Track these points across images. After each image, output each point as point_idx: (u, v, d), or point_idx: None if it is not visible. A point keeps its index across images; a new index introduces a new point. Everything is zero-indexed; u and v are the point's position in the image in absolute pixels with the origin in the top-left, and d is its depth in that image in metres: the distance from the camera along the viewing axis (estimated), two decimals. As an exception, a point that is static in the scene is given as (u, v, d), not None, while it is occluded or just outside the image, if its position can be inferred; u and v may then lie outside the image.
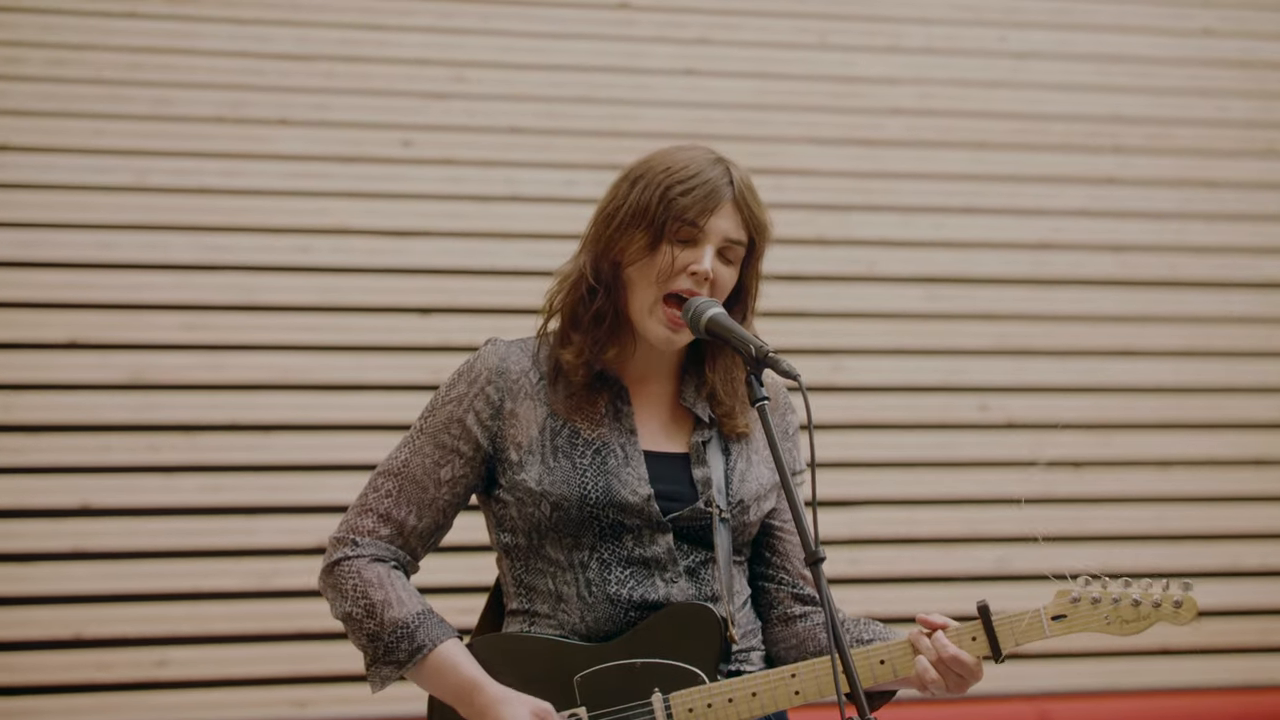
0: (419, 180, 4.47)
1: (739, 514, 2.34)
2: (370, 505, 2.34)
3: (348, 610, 2.30)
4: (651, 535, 2.28)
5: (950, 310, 4.68)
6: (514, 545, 2.34)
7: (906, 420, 4.60)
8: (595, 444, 2.30)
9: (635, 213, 2.27)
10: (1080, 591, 2.24)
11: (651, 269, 2.27)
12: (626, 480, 2.28)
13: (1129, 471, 4.69)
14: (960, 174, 4.77)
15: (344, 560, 2.32)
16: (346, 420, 4.30)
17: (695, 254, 2.27)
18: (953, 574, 4.51)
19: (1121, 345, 4.76)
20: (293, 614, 4.16)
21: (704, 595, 2.30)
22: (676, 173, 2.27)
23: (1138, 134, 4.88)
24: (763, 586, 2.44)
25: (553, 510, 2.28)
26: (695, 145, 2.35)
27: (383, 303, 4.39)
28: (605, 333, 2.31)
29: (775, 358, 2.12)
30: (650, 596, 2.27)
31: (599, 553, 2.28)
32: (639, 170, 2.32)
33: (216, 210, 4.34)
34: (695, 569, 2.31)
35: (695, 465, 2.34)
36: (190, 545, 4.18)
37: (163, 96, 4.37)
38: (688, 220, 2.25)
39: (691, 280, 2.27)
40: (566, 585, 2.29)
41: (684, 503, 2.31)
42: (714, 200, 2.26)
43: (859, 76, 4.78)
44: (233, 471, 4.23)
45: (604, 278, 2.30)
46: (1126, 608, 2.23)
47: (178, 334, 4.26)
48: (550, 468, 2.28)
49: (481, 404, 2.32)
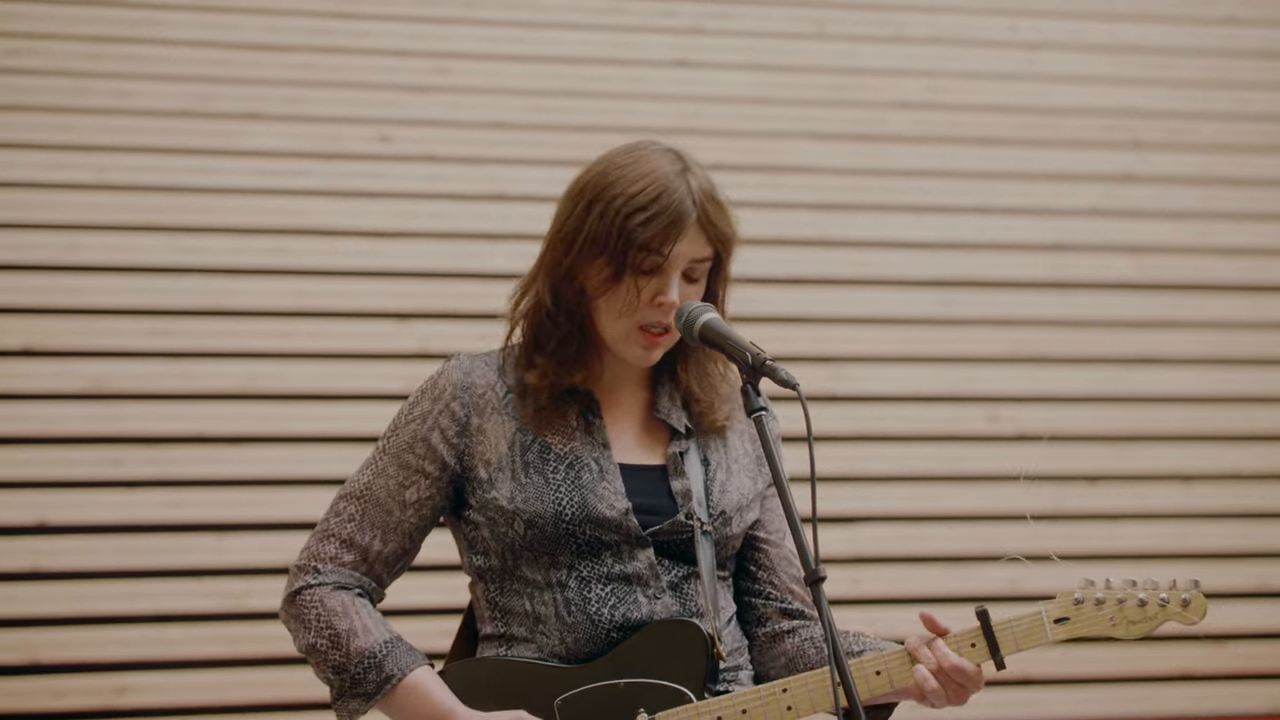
0: (398, 178, 4.46)
1: (721, 526, 2.35)
2: (332, 530, 2.35)
3: (311, 642, 2.31)
4: (631, 551, 2.29)
5: (958, 315, 4.68)
6: (487, 567, 2.34)
7: (912, 432, 4.60)
8: (568, 458, 2.31)
9: (593, 241, 2.27)
10: (1084, 593, 2.25)
11: (616, 299, 2.27)
12: (603, 495, 2.29)
13: (1149, 486, 4.68)
14: (969, 171, 4.77)
15: (305, 589, 2.32)
16: (321, 432, 4.30)
17: (660, 283, 2.27)
18: (961, 595, 4.48)
19: (1141, 352, 4.75)
20: (264, 637, 4.14)
21: (688, 611, 2.30)
22: (635, 197, 2.25)
23: (1157, 129, 4.87)
24: (749, 602, 2.44)
25: (526, 528, 2.28)
26: (648, 149, 2.31)
27: (360, 307, 4.39)
28: (572, 356, 2.33)
29: (773, 366, 2.12)
30: (633, 615, 2.28)
31: (577, 570, 2.29)
32: (593, 189, 2.29)
33: (183, 209, 4.34)
34: (678, 584, 2.31)
35: (673, 477, 2.35)
36: (154, 564, 4.18)
37: (126, 89, 4.37)
38: (651, 249, 2.25)
39: (659, 311, 2.28)
40: (544, 606, 2.30)
41: (663, 516, 2.32)
42: (677, 227, 2.25)
43: (862, 68, 4.77)
44: (200, 486, 4.23)
45: (566, 303, 2.31)
46: (1132, 608, 2.24)
47: (142, 340, 4.26)
48: (522, 484, 2.29)
49: (447, 421, 2.33)
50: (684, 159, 2.32)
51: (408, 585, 2.55)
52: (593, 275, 2.28)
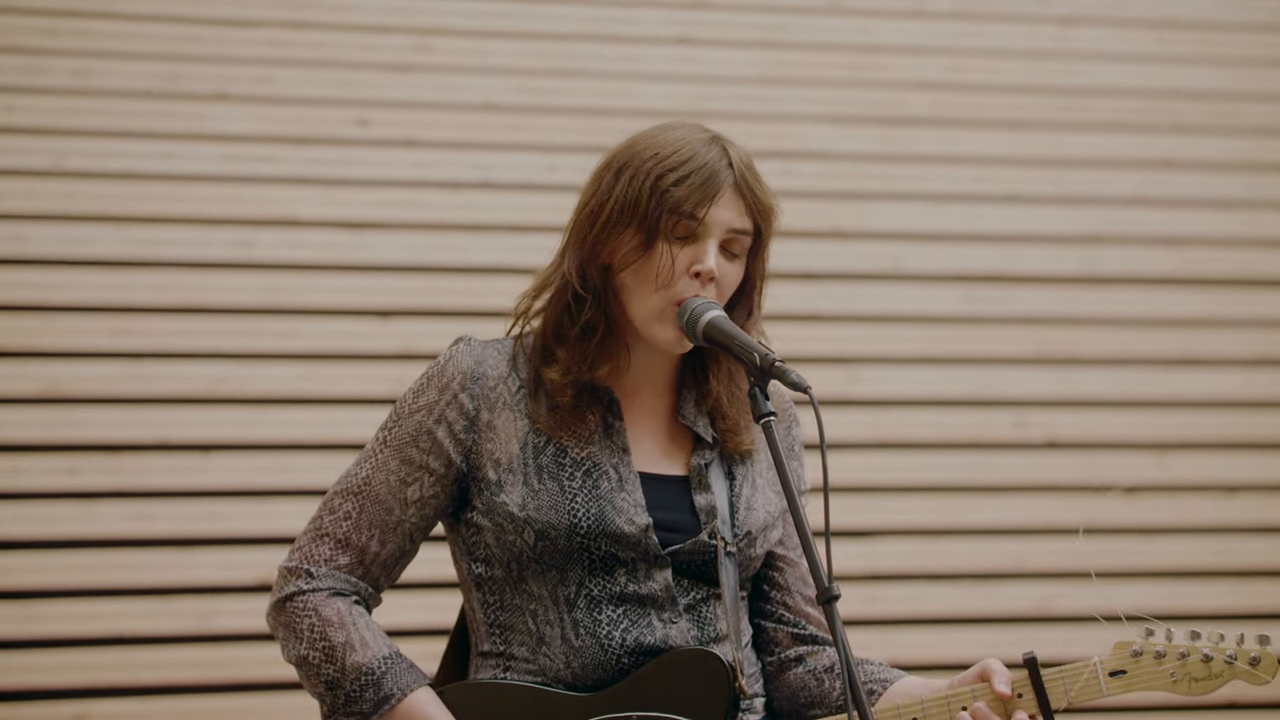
0: (377, 165, 4.46)
1: (746, 547, 2.36)
2: (327, 529, 2.34)
3: (303, 653, 2.30)
4: (648, 570, 2.29)
5: (985, 313, 4.68)
6: (488, 577, 2.34)
7: (934, 439, 4.59)
8: (585, 464, 2.31)
9: (623, 208, 2.28)
10: (1142, 644, 2.23)
11: (649, 271, 2.27)
12: (622, 507, 2.29)
13: (1190, 497, 4.67)
14: (995, 158, 4.76)
15: (298, 595, 2.32)
16: (295, 439, 4.30)
17: (697, 251, 2.28)
18: (988, 615, 4.49)
19: (1182, 353, 4.75)
20: (232, 661, 4.14)
21: (707, 637, 2.31)
22: (667, 159, 2.27)
23: (1200, 111, 4.87)
24: (759, 625, 2.45)
25: (537, 539, 2.28)
26: (683, 123, 2.36)
27: (336, 304, 4.38)
28: (596, 347, 2.32)
29: (783, 368, 2.12)
30: (646, 639, 2.27)
31: (587, 588, 2.29)
32: (623, 157, 2.32)
33: (145, 198, 4.33)
34: (696, 607, 2.31)
35: (696, 491, 2.35)
36: (114, 582, 4.16)
37: (83, 67, 4.36)
38: (685, 213, 2.26)
39: (696, 282, 2.27)
40: (549, 625, 2.29)
41: (685, 534, 2.32)
42: (713, 187, 2.26)
43: (879, 46, 4.77)
44: (163, 498, 4.22)
45: (592, 284, 2.31)
46: (1196, 664, 2.22)
47: (100, 340, 4.25)
48: (535, 490, 2.29)
49: (454, 413, 2.33)
50: (720, 135, 2.34)
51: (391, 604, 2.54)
52: (622, 247, 2.29)
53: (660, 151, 2.28)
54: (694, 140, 2.30)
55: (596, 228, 2.30)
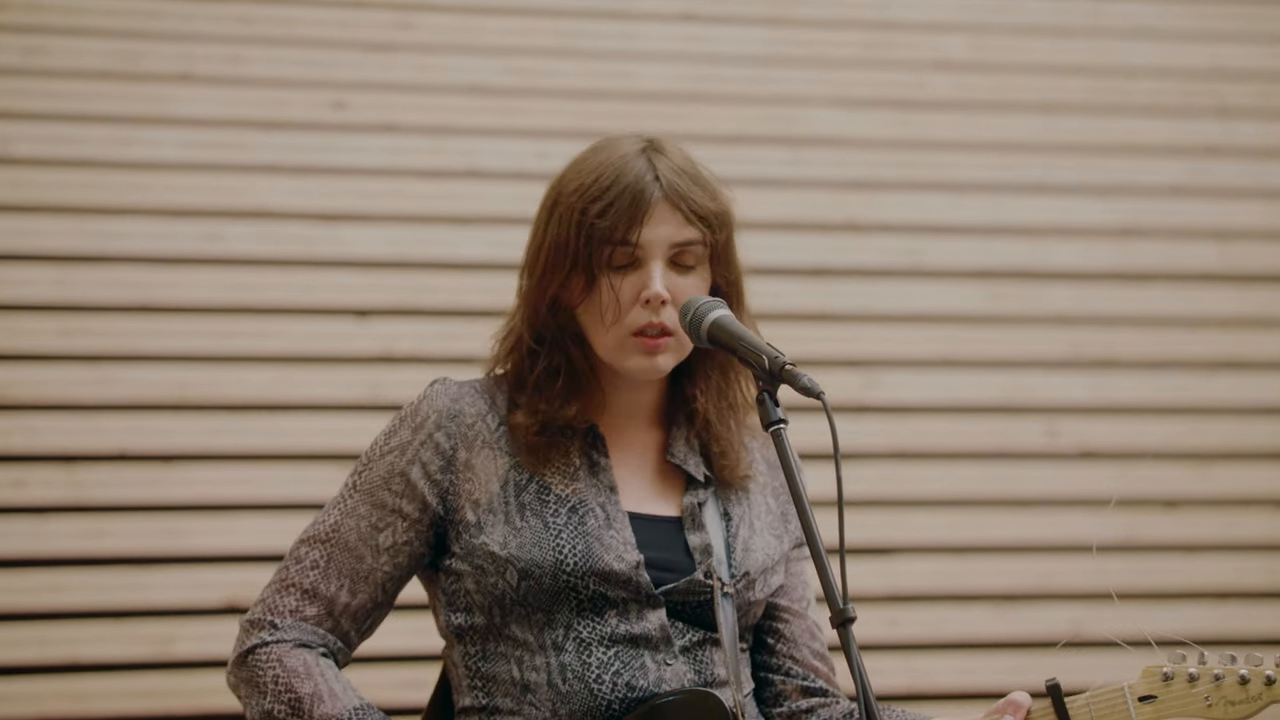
0: (354, 151, 4.47)
1: (744, 590, 2.36)
2: (292, 580, 2.35)
3: (267, 708, 2.30)
4: (640, 610, 2.29)
5: (1011, 312, 4.68)
6: (469, 626, 2.34)
7: (956, 448, 4.59)
8: (570, 500, 2.32)
9: (556, 249, 2.32)
10: (1174, 667, 2.24)
11: (598, 309, 2.30)
12: (610, 544, 2.29)
13: (1236, 512, 4.67)
14: (1024, 143, 4.77)
15: (260, 647, 2.32)
16: (265, 449, 4.29)
17: (641, 277, 2.30)
18: (1014, 640, 4.49)
19: (1226, 355, 4.75)
20: (193, 690, 4.13)
21: (704, 681, 2.30)
22: (589, 188, 2.30)
23: (1246, 92, 4.88)
24: (765, 678, 2.44)
25: (520, 579, 2.28)
26: (615, 138, 2.37)
27: (310, 303, 4.38)
28: (562, 389, 2.35)
29: (794, 372, 2.11)
30: (638, 682, 2.27)
31: (576, 630, 2.29)
32: (554, 192, 2.36)
33: (101, 187, 4.33)
34: (693, 650, 2.32)
35: (690, 530, 2.36)
36: (66, 604, 4.16)
37: (35, 45, 4.36)
38: (617, 240, 2.29)
39: (648, 309, 2.29)
40: (535, 672, 2.29)
41: (679, 573, 2.32)
42: (640, 207, 2.28)
43: (896, 22, 4.77)
44: (121, 512, 4.21)
45: (547, 331, 2.34)
46: (1232, 686, 2.22)
47: (51, 341, 4.24)
48: (517, 528, 2.30)
49: (430, 454, 2.34)
50: (654, 141, 2.35)
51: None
52: (570, 288, 2.32)
53: (583, 181, 2.31)
54: (618, 159, 2.31)
55: (537, 274, 2.34)
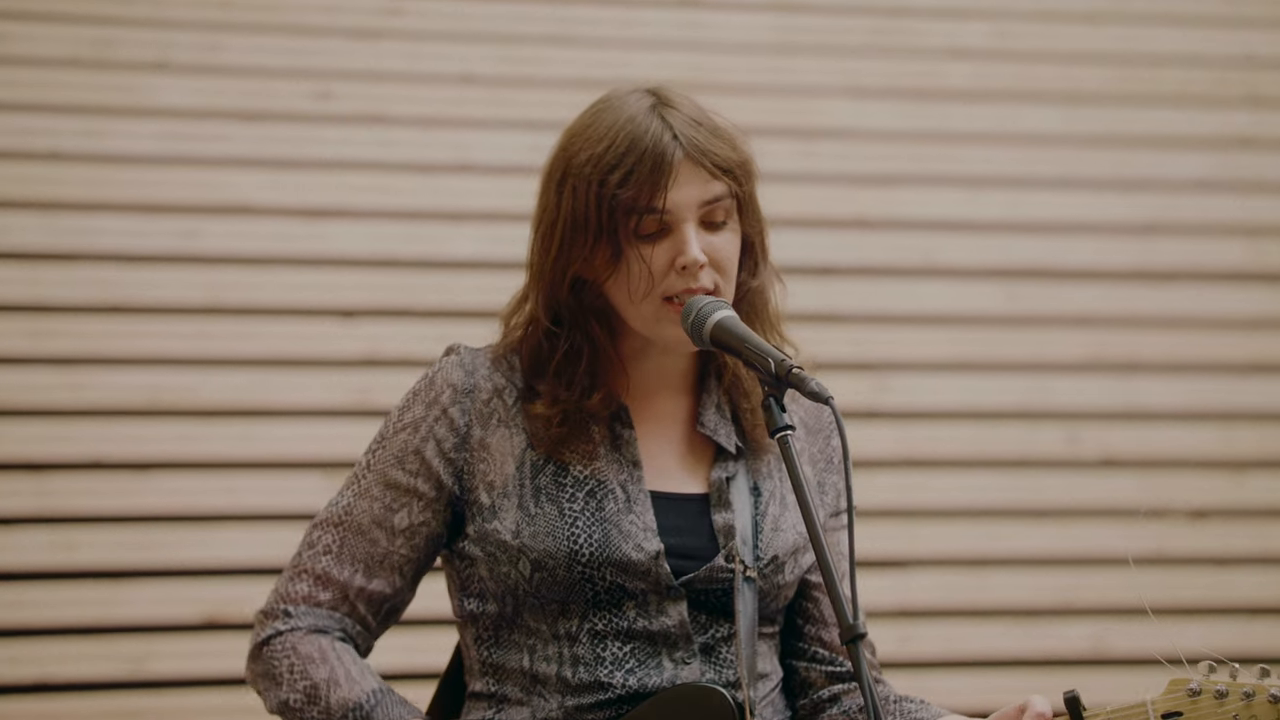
0: (340, 144, 4.47)
1: (771, 573, 2.35)
2: (305, 566, 2.37)
3: (284, 698, 2.32)
4: (660, 604, 2.30)
5: (1031, 313, 4.68)
6: (481, 613, 2.35)
7: (973, 456, 4.60)
8: (588, 483, 2.32)
9: (575, 224, 2.30)
10: (1201, 682, 2.20)
11: (628, 282, 2.29)
12: (629, 531, 2.29)
13: (1268, 522, 4.67)
14: (1045, 136, 4.77)
15: (274, 637, 2.35)
16: (244, 456, 4.30)
17: (674, 243, 2.28)
18: (1034, 657, 4.51)
19: (1256, 358, 4.75)
20: (170, 710, 4.14)
21: (724, 680, 2.30)
22: (604, 156, 2.27)
23: (1278, 82, 4.87)
24: (791, 666, 2.45)
25: (533, 570, 2.29)
26: (616, 96, 2.34)
27: (293, 303, 4.39)
28: (585, 373, 2.34)
29: (801, 375, 2.11)
30: (650, 681, 2.28)
31: (591, 623, 2.30)
32: (560, 164, 2.33)
33: (72, 182, 4.34)
34: (715, 647, 2.32)
35: (716, 509, 2.35)
36: (35, 620, 4.16)
37: (1, 31, 4.33)
38: (642, 208, 2.27)
39: (685, 276, 2.27)
40: (545, 663, 2.30)
41: (702, 560, 2.32)
42: (662, 171, 2.26)
43: (910, 8, 4.78)
44: (93, 523, 4.21)
45: (566, 311, 2.33)
46: (1263, 704, 2.18)
47: (20, 343, 4.24)
48: (531, 515, 2.30)
49: (444, 430, 2.35)
50: (659, 93, 2.33)
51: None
52: (594, 262, 2.30)
53: (595, 150, 2.28)
54: (627, 122, 2.29)
55: (553, 253, 2.32)
